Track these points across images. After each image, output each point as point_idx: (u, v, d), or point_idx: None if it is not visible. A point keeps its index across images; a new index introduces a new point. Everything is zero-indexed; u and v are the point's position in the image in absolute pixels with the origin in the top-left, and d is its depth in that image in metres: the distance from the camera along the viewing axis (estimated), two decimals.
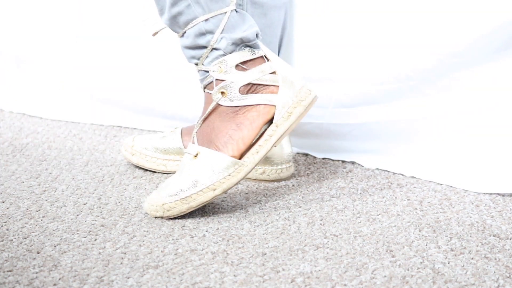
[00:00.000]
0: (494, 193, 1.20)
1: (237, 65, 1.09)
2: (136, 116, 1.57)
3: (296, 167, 1.33)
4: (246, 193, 1.21)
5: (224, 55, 1.09)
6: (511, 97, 1.20)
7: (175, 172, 1.25)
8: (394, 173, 1.30)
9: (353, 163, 1.36)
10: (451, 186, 1.23)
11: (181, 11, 1.09)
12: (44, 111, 1.65)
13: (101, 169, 1.32)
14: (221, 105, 1.10)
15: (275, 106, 1.10)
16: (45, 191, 1.21)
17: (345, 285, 0.91)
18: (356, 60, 1.30)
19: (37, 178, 1.27)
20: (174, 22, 1.11)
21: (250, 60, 1.10)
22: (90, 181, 1.26)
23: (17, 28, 1.67)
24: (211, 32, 1.09)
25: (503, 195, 1.19)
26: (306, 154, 1.41)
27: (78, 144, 1.47)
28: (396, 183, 1.25)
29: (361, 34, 1.29)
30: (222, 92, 1.10)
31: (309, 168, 1.33)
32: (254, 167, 1.10)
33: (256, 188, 1.23)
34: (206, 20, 1.09)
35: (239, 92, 1.09)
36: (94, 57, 1.58)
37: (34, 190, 1.21)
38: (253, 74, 1.10)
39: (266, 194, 1.21)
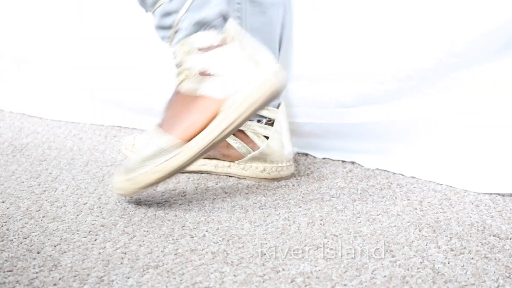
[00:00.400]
0: (494, 193, 1.20)
1: (201, 48, 1.06)
2: (136, 116, 1.57)
3: (296, 167, 1.33)
4: (246, 193, 1.21)
5: (187, 35, 1.06)
6: (511, 97, 1.20)
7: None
8: (394, 173, 1.30)
9: (353, 163, 1.36)
10: (451, 186, 1.23)
11: None
12: (44, 111, 1.65)
13: (101, 169, 1.33)
14: (180, 91, 1.07)
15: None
16: (45, 191, 1.21)
17: (345, 285, 0.91)
18: (356, 59, 1.30)
19: (37, 178, 1.27)
20: (143, 2, 1.09)
21: (214, 43, 1.05)
22: (90, 181, 1.26)
23: (17, 28, 1.67)
24: (175, 12, 1.06)
25: (503, 195, 1.19)
26: (306, 154, 1.41)
27: (78, 144, 1.47)
28: (396, 183, 1.25)
29: (361, 34, 1.29)
30: (185, 75, 1.06)
31: (309, 168, 1.34)
32: (200, 152, 1.05)
33: (256, 188, 1.23)
34: (170, 0, 1.06)
35: (199, 75, 1.06)
36: (94, 57, 1.58)
37: (34, 190, 1.21)
38: (213, 57, 1.05)
39: (266, 194, 1.21)
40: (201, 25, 1.05)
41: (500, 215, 1.12)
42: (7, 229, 1.06)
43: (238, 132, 1.22)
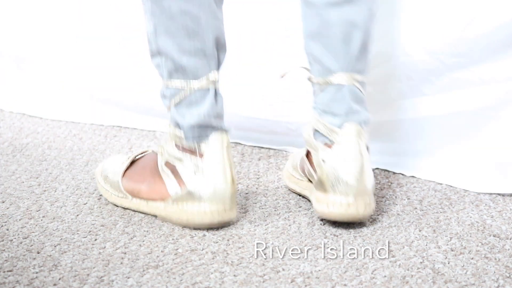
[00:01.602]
0: (494, 193, 1.20)
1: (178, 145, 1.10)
2: (136, 116, 1.57)
3: None
4: (246, 193, 1.21)
5: (170, 124, 1.12)
6: (511, 97, 1.20)
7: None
8: (394, 173, 1.30)
9: None
10: (451, 186, 1.23)
11: (158, 64, 1.11)
12: (44, 111, 1.65)
13: None
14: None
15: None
16: (45, 191, 1.21)
17: (345, 285, 0.91)
18: None
19: (37, 178, 1.27)
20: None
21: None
22: (90, 181, 1.26)
23: (17, 28, 1.67)
24: (166, 98, 1.11)
25: (503, 195, 1.19)
26: None
27: (78, 144, 1.47)
28: (396, 183, 1.25)
29: None
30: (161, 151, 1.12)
31: None
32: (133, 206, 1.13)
33: (256, 188, 1.23)
34: (166, 87, 1.10)
35: (167, 161, 1.10)
36: (94, 57, 1.58)
37: (34, 190, 1.21)
38: (181, 158, 1.08)
39: (266, 194, 1.21)
40: (177, 126, 1.10)
41: (500, 215, 1.12)
42: (7, 229, 1.06)
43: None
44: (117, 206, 1.15)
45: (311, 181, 1.13)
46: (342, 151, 1.05)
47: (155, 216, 1.10)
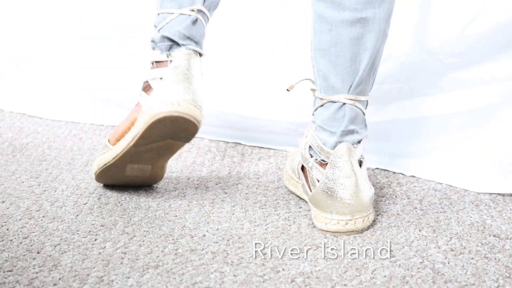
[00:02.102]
0: (494, 193, 1.20)
1: (152, 63, 1.14)
2: None
3: None
4: (246, 193, 1.21)
5: (153, 49, 1.16)
6: (511, 97, 1.20)
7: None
8: (394, 173, 1.30)
9: None
10: (451, 186, 1.23)
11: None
12: (44, 111, 1.65)
13: None
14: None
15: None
16: (45, 191, 1.21)
17: (345, 285, 0.91)
18: None
19: (37, 178, 1.27)
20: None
21: (159, 61, 1.13)
22: (90, 181, 1.26)
23: (17, 28, 1.67)
24: (155, 27, 1.15)
25: (503, 195, 1.19)
26: None
27: (78, 144, 1.47)
28: (396, 182, 1.25)
29: None
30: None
31: None
32: (120, 155, 1.13)
33: (256, 188, 1.23)
34: (158, 14, 1.15)
35: (143, 86, 1.15)
36: (94, 57, 1.58)
37: (34, 190, 1.21)
38: (153, 73, 1.13)
39: (266, 194, 1.21)
40: (155, 42, 1.14)
41: (500, 215, 1.12)
42: (7, 229, 1.06)
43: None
44: (104, 172, 1.17)
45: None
46: (335, 172, 1.05)
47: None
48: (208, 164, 1.35)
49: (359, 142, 1.09)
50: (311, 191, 1.09)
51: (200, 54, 1.14)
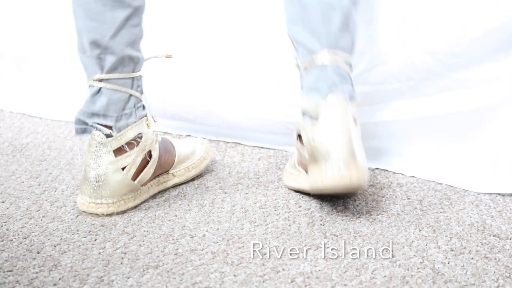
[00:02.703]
0: (494, 193, 1.20)
1: None
2: None
3: None
4: (246, 193, 1.21)
5: None
6: (511, 97, 1.20)
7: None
8: (394, 173, 1.30)
9: None
10: (451, 186, 1.23)
11: None
12: (44, 111, 1.65)
13: None
14: None
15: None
16: (45, 191, 1.21)
17: (345, 285, 0.91)
18: (356, 60, 1.29)
19: (37, 178, 1.27)
20: None
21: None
22: None
23: (17, 28, 1.67)
24: None
25: (503, 195, 1.19)
26: None
27: (78, 144, 1.47)
28: (396, 183, 1.25)
29: (360, 34, 1.29)
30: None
31: None
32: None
33: (256, 188, 1.23)
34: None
35: None
36: None
37: (34, 190, 1.21)
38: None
39: (266, 194, 1.21)
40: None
41: (500, 215, 1.12)
42: (7, 229, 1.06)
43: None
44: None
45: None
46: (328, 123, 1.06)
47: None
48: (208, 164, 1.35)
49: (351, 98, 1.10)
50: (308, 152, 1.09)
51: None
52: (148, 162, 1.16)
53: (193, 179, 1.27)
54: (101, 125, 1.11)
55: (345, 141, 1.05)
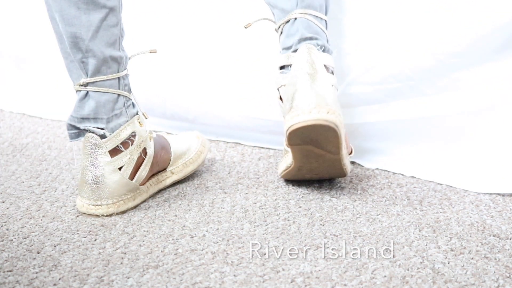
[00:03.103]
0: (494, 193, 1.20)
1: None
2: None
3: None
4: (246, 193, 1.21)
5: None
6: (511, 97, 1.20)
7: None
8: (394, 173, 1.30)
9: (353, 163, 1.36)
10: (451, 186, 1.23)
11: None
12: (44, 111, 1.65)
13: None
14: None
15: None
16: (45, 191, 1.21)
17: (345, 285, 0.91)
18: (356, 60, 1.29)
19: (37, 178, 1.27)
20: None
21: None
22: None
23: (17, 28, 1.67)
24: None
25: (503, 195, 1.19)
26: None
27: (78, 144, 1.47)
28: (396, 183, 1.25)
29: (360, 34, 1.29)
30: None
31: None
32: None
33: (256, 188, 1.23)
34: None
35: None
36: None
37: (34, 190, 1.21)
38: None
39: (266, 194, 1.21)
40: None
41: (500, 215, 1.12)
42: (7, 229, 1.06)
43: None
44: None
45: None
46: (296, 67, 1.12)
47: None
48: (208, 164, 1.35)
49: (323, 48, 1.16)
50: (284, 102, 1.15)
51: None
52: (143, 160, 1.16)
53: (193, 179, 1.27)
54: (93, 128, 1.11)
55: (310, 79, 1.11)
